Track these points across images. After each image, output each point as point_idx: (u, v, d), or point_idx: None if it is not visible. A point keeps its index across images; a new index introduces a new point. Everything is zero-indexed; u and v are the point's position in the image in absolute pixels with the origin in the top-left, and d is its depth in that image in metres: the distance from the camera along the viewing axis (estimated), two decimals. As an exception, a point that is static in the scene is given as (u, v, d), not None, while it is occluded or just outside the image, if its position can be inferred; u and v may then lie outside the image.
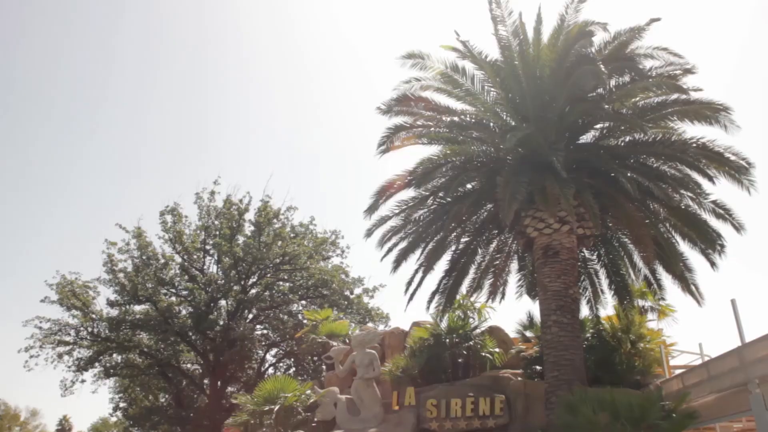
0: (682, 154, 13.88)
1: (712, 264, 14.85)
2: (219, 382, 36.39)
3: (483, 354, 16.56)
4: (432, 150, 15.64)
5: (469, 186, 15.82)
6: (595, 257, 16.99)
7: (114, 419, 52.80)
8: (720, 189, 14.09)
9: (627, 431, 8.88)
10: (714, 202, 14.45)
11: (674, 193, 14.45)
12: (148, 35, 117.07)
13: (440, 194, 15.75)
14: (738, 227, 14.41)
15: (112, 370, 39.05)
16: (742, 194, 13.89)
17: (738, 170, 13.58)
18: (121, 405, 44.05)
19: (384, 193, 15.57)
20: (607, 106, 14.34)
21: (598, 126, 15.10)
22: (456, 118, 15.21)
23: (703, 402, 11.87)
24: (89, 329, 36.98)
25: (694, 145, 13.81)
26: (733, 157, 13.62)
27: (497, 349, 16.83)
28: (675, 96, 14.04)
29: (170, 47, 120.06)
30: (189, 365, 41.41)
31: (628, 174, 13.86)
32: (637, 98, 14.64)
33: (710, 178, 13.85)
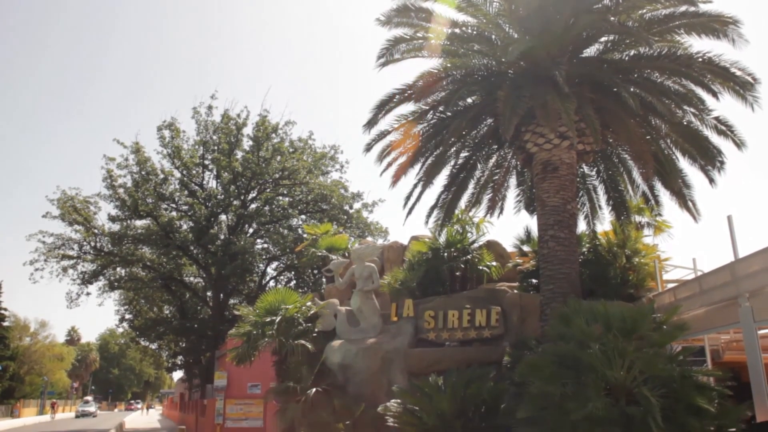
0: (687, 68, 13.60)
1: (711, 180, 14.84)
2: (221, 295, 37.18)
3: (480, 267, 16.85)
4: (432, 63, 15.33)
5: (469, 100, 15.58)
6: (594, 173, 16.98)
7: (121, 330, 54.43)
8: (722, 105, 13.92)
9: (618, 342, 9.12)
10: (717, 118, 14.28)
11: (677, 109, 14.26)
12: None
13: (440, 108, 15.55)
14: (739, 144, 14.30)
15: (116, 283, 39.82)
16: (744, 111, 13.72)
17: (743, 86, 13.32)
18: (127, 317, 45.20)
19: (383, 107, 15.35)
20: (612, 18, 13.93)
21: (602, 39, 14.72)
22: (457, 30, 14.80)
23: (694, 314, 12.17)
24: (92, 244, 37.45)
25: (700, 59, 13.50)
26: (738, 73, 13.34)
27: (494, 263, 17.11)
28: (683, 8, 13.58)
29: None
30: (192, 278, 42.19)
31: (631, 89, 13.64)
32: (644, 10, 14.17)
33: (714, 94, 13.63)
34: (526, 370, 9.87)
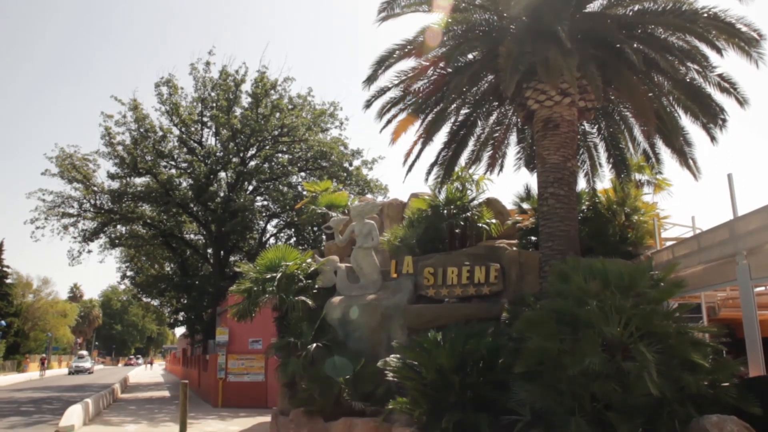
0: (692, 24, 13.36)
1: (713, 138, 14.75)
2: (222, 252, 37.38)
3: (480, 225, 16.85)
4: (433, 18, 15.09)
5: (470, 56, 15.37)
6: (595, 130, 16.88)
7: (122, 287, 54.89)
8: (725, 62, 13.72)
9: (616, 298, 9.18)
10: (720, 75, 14.09)
11: (680, 65, 14.09)
12: None
13: (440, 65, 15.36)
14: (742, 101, 14.15)
15: (117, 241, 40.00)
16: (749, 68, 13.53)
17: (748, 42, 13.10)
18: (129, 273, 45.52)
19: (383, 63, 15.16)
20: (617, -29, 13.68)
21: (607, -7, 14.48)
22: (459, -16, 14.55)
23: (692, 272, 12.25)
24: (92, 201, 37.49)
25: (705, 15, 13.25)
26: (744, 28, 13.11)
27: (494, 220, 17.10)
28: (690, -40, 13.33)
29: None
30: (192, 236, 42.35)
31: (634, 45, 13.44)
32: (650, -37, 13.90)
33: (719, 51, 13.40)
34: (524, 326, 9.96)
